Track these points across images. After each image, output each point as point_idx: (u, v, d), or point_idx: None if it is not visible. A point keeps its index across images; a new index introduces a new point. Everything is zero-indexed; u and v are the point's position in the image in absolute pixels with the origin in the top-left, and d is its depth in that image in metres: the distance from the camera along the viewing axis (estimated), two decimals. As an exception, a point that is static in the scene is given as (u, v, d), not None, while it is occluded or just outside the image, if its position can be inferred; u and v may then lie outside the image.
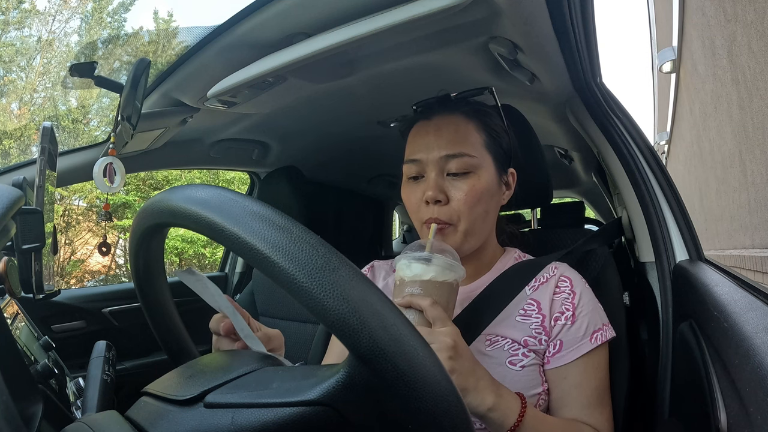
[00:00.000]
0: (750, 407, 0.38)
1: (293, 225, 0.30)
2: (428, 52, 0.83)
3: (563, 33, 0.75)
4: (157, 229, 0.39)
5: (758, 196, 2.87)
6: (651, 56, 7.85)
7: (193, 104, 1.00)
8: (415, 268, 0.57)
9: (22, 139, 7.85)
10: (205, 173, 7.42)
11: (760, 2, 2.44)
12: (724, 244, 3.96)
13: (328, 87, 0.97)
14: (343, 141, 1.42)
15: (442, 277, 0.57)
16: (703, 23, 3.76)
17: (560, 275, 0.70)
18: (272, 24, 0.75)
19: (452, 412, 0.28)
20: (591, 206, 2.57)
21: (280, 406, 0.30)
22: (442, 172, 0.68)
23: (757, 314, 0.46)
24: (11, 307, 0.87)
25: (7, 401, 0.28)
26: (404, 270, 0.58)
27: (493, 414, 0.54)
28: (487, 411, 0.54)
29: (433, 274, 0.56)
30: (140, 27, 9.82)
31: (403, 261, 0.59)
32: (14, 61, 8.43)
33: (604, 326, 0.66)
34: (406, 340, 0.28)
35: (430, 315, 0.54)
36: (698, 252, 0.81)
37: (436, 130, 0.70)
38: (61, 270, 7.17)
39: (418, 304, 0.55)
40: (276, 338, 0.56)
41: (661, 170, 0.89)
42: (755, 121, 2.76)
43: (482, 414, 0.54)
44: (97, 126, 8.61)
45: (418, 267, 0.57)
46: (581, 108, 0.98)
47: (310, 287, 0.27)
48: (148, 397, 0.36)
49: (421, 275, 0.56)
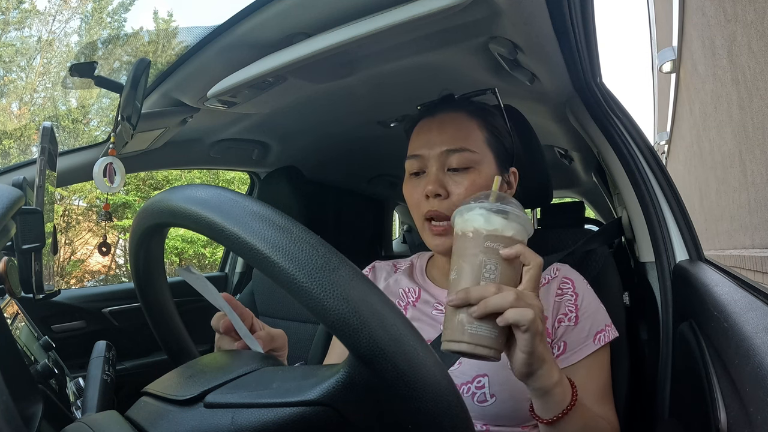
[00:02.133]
0: (750, 407, 0.38)
1: (293, 225, 0.30)
2: (428, 52, 0.83)
3: (563, 33, 0.75)
4: (157, 229, 0.39)
5: (758, 196, 2.87)
6: (651, 56, 7.85)
7: (193, 104, 1.00)
8: (495, 222, 0.50)
9: (22, 139, 7.85)
10: (205, 173, 7.42)
11: (760, 2, 2.44)
12: (724, 244, 3.96)
13: (328, 87, 0.97)
14: (343, 141, 1.42)
15: (520, 236, 0.51)
16: (703, 23, 3.76)
17: (562, 277, 0.70)
18: (272, 24, 0.75)
19: (452, 411, 0.28)
20: (591, 206, 2.57)
21: (280, 406, 0.30)
22: (443, 167, 0.68)
23: (757, 314, 0.46)
24: (11, 307, 0.87)
25: (7, 401, 0.28)
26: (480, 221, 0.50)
27: (557, 390, 0.50)
28: (554, 385, 0.50)
29: (513, 232, 0.50)
30: (140, 27, 9.83)
31: (479, 210, 0.51)
32: (14, 61, 8.43)
33: (606, 327, 0.66)
34: (406, 340, 0.28)
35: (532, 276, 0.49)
36: (698, 252, 0.81)
37: (439, 126, 0.70)
38: (61, 270, 7.17)
39: (529, 259, 0.49)
40: (279, 338, 0.55)
41: (661, 170, 0.89)
42: (755, 121, 2.76)
43: (549, 389, 0.50)
44: (97, 126, 8.61)
45: (498, 221, 0.50)
46: (581, 108, 0.98)
47: (310, 287, 0.27)
48: (148, 397, 0.36)
49: (502, 231, 0.50)
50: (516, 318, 0.45)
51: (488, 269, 0.49)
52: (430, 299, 0.73)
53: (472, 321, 0.47)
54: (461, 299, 0.47)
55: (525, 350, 0.47)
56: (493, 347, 0.47)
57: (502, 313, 0.46)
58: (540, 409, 0.53)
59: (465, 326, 0.47)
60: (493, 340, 0.47)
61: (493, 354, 0.47)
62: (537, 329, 0.46)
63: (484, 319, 0.46)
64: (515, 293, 0.46)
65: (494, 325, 0.46)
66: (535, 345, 0.46)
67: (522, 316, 0.45)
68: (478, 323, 0.47)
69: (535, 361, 0.47)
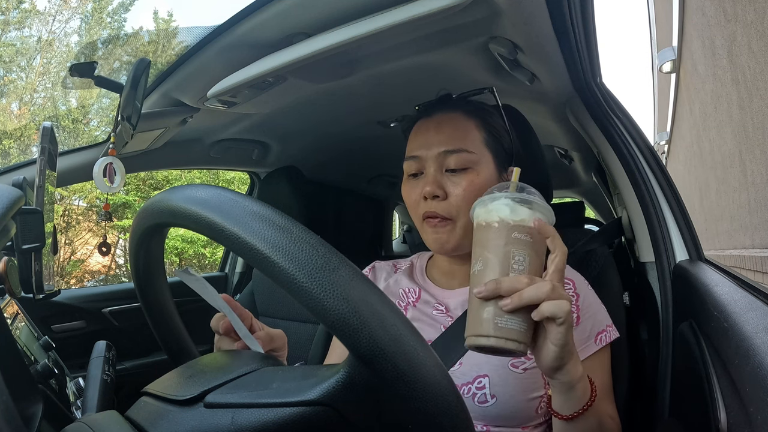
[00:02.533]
0: (750, 407, 0.38)
1: (293, 225, 0.30)
2: (428, 52, 0.83)
3: (563, 33, 0.75)
4: (157, 229, 0.39)
5: (758, 196, 2.87)
6: (651, 56, 7.85)
7: (193, 104, 1.00)
8: (522, 212, 0.48)
9: (22, 139, 7.85)
10: (205, 173, 7.41)
11: (760, 2, 2.44)
12: (724, 244, 3.96)
13: (328, 87, 0.97)
14: (343, 141, 1.42)
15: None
16: (703, 23, 3.76)
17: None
18: (272, 24, 0.75)
19: (452, 411, 0.28)
20: (591, 206, 2.57)
21: (280, 406, 0.30)
22: (441, 168, 0.68)
23: (757, 314, 0.46)
24: (11, 307, 0.87)
25: (7, 401, 0.28)
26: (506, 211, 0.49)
27: (580, 385, 0.50)
28: (579, 380, 0.49)
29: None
30: (140, 27, 9.83)
31: (504, 200, 0.49)
32: (14, 61, 8.43)
33: (608, 327, 0.66)
34: (406, 340, 0.28)
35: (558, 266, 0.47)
36: (698, 252, 0.81)
37: (436, 126, 0.70)
38: (61, 270, 7.17)
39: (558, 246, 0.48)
40: (279, 338, 0.55)
41: (661, 170, 0.89)
42: (755, 121, 2.76)
43: (573, 384, 0.49)
44: (97, 126, 8.61)
45: (524, 211, 0.48)
46: (581, 108, 0.98)
47: (310, 287, 0.27)
48: (148, 397, 0.36)
49: (528, 221, 0.48)
50: (553, 310, 0.44)
51: (517, 260, 0.47)
52: (431, 299, 0.73)
53: (502, 314, 0.45)
54: (491, 290, 0.45)
55: (559, 343, 0.45)
56: (522, 341, 0.45)
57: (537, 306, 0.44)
58: (561, 405, 0.52)
59: (494, 319, 0.45)
60: (523, 334, 0.45)
61: (522, 348, 0.45)
62: (571, 323, 0.45)
63: (514, 312, 0.45)
64: (551, 284, 0.45)
65: (524, 318, 0.45)
66: (568, 338, 0.45)
67: (559, 308, 0.44)
68: (509, 316, 0.45)
69: (566, 354, 0.46)
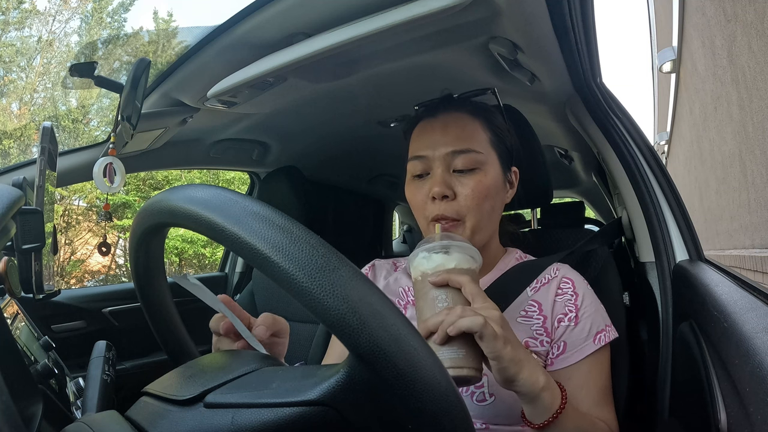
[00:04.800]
0: (750, 407, 0.38)
1: (293, 225, 0.30)
2: (428, 52, 0.83)
3: (563, 33, 0.75)
4: (157, 229, 0.39)
5: (758, 196, 2.87)
6: (651, 56, 7.86)
7: (193, 104, 1.00)
8: (436, 259, 0.55)
9: (22, 139, 7.85)
10: (205, 173, 7.42)
11: (760, 2, 2.44)
12: (724, 244, 3.96)
13: (328, 87, 0.97)
14: (343, 141, 1.42)
15: (465, 264, 0.55)
16: (703, 23, 3.76)
17: (562, 277, 0.70)
18: (272, 24, 0.75)
19: (452, 411, 0.28)
20: (591, 206, 2.57)
21: (280, 406, 0.30)
22: (449, 168, 0.68)
23: (757, 314, 0.46)
24: (11, 307, 0.87)
25: (7, 401, 0.28)
26: (424, 264, 0.56)
27: (545, 394, 0.51)
28: (541, 390, 0.51)
29: (456, 263, 0.54)
30: (140, 27, 9.83)
31: (421, 254, 0.56)
32: (14, 61, 8.43)
33: (607, 327, 0.66)
34: (406, 339, 0.28)
35: (469, 291, 0.52)
36: (698, 252, 0.81)
37: (442, 126, 0.70)
38: (61, 270, 7.17)
39: (456, 281, 0.53)
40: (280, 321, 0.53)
41: (661, 170, 0.89)
42: (755, 121, 2.76)
43: (536, 394, 0.51)
44: (97, 126, 8.61)
45: (439, 258, 0.55)
46: (581, 108, 0.98)
47: (310, 287, 0.27)
48: (148, 397, 0.36)
49: (444, 264, 0.54)
50: (467, 325, 0.48)
51: (440, 299, 0.53)
52: (430, 299, 0.73)
53: (439, 348, 0.49)
54: (422, 332, 0.50)
55: (491, 356, 0.49)
56: (465, 366, 0.49)
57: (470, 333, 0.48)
58: (530, 414, 0.54)
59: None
60: (463, 360, 0.49)
61: (468, 372, 0.49)
62: (491, 332, 0.48)
63: (448, 342, 0.49)
64: (461, 308, 0.50)
65: (460, 345, 0.49)
66: (499, 349, 0.48)
67: (471, 322, 0.48)
68: (445, 348, 0.49)
69: (508, 365, 0.49)
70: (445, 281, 0.53)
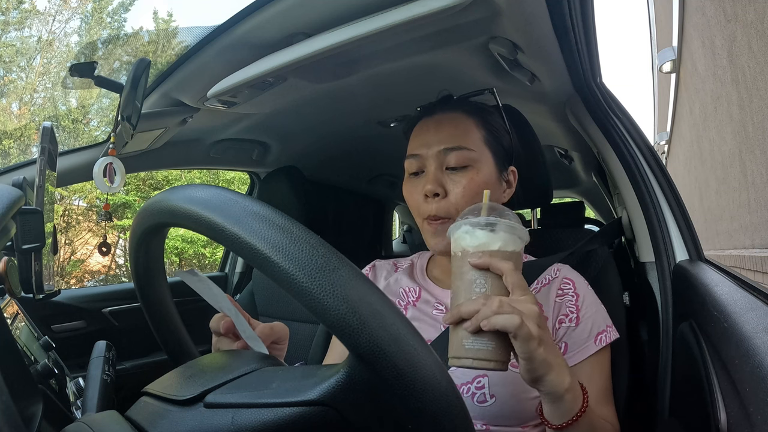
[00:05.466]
0: (750, 407, 0.38)
1: (293, 225, 0.30)
2: (428, 52, 0.83)
3: (563, 33, 0.75)
4: (157, 229, 0.39)
5: (758, 196, 2.87)
6: (651, 56, 7.85)
7: (193, 104, 1.00)
8: (480, 236, 0.50)
9: (22, 139, 7.85)
10: (205, 173, 7.42)
11: (760, 2, 2.44)
12: (724, 244, 3.96)
13: (328, 87, 0.97)
14: (343, 141, 1.42)
15: (510, 246, 0.50)
16: (703, 23, 3.76)
17: (563, 277, 0.70)
18: (272, 24, 0.75)
19: (452, 411, 0.28)
20: (591, 206, 2.57)
21: (280, 406, 0.30)
22: (441, 166, 0.68)
23: (757, 314, 0.46)
24: (11, 307, 0.87)
25: (7, 401, 0.28)
26: (466, 239, 0.51)
27: (568, 396, 0.50)
28: (565, 392, 0.49)
29: (500, 244, 0.50)
30: (140, 27, 9.83)
31: (464, 228, 0.51)
32: (14, 61, 8.43)
33: (608, 327, 0.66)
34: (406, 339, 0.28)
35: (510, 281, 0.49)
36: (698, 252, 0.81)
37: (436, 125, 0.71)
38: (61, 270, 7.17)
39: (498, 267, 0.49)
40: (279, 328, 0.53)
41: (661, 170, 0.89)
42: (755, 121, 2.76)
43: (560, 395, 0.49)
44: (97, 126, 8.61)
45: (483, 235, 0.50)
46: (581, 108, 0.99)
47: (310, 287, 0.27)
48: (148, 397, 0.36)
49: (489, 244, 0.50)
50: (502, 323, 0.45)
51: (478, 284, 0.49)
52: (431, 299, 0.73)
53: (468, 336, 0.47)
54: (454, 317, 0.48)
55: (523, 356, 0.47)
56: (493, 359, 0.47)
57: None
58: (550, 414, 0.52)
59: (463, 342, 0.47)
60: (491, 352, 0.47)
61: (495, 366, 0.47)
62: (527, 333, 0.46)
63: (480, 333, 0.47)
64: (499, 301, 0.47)
65: (490, 337, 0.47)
66: (532, 350, 0.46)
67: (508, 321, 0.45)
68: (475, 338, 0.47)
69: (538, 366, 0.47)
70: (486, 265, 0.49)
